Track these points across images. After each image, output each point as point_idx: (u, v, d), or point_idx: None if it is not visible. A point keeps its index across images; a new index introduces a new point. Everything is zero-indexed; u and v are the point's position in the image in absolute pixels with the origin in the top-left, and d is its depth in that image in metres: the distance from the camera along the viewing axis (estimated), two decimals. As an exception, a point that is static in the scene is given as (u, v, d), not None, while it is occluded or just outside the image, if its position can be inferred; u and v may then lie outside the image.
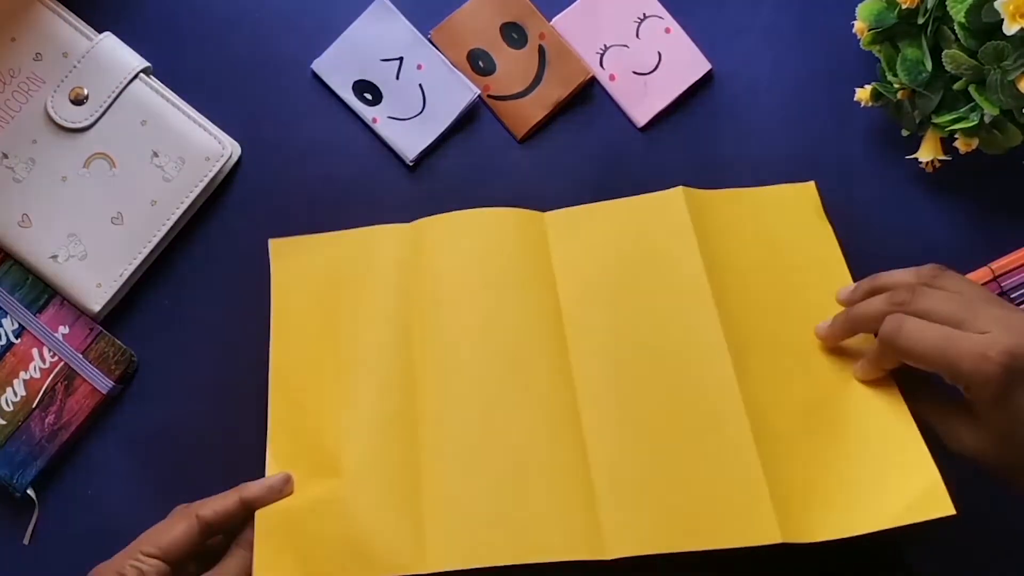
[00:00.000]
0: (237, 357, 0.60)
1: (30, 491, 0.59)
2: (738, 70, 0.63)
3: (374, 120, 0.63)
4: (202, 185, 0.61)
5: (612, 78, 0.63)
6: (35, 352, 0.60)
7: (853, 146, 0.62)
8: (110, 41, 0.61)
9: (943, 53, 0.53)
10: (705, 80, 0.63)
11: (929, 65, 0.55)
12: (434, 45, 0.63)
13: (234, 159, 0.62)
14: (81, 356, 0.60)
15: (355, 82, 0.63)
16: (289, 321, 0.57)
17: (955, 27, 0.52)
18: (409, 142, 0.62)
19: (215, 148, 0.61)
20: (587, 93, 0.63)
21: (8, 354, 0.60)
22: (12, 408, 0.59)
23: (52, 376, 0.60)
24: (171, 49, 0.63)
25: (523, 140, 0.63)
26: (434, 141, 0.62)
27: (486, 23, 0.63)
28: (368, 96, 0.63)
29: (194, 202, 0.61)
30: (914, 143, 0.60)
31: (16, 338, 0.60)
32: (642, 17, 0.63)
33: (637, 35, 0.63)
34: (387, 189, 0.62)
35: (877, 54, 0.58)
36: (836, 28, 0.62)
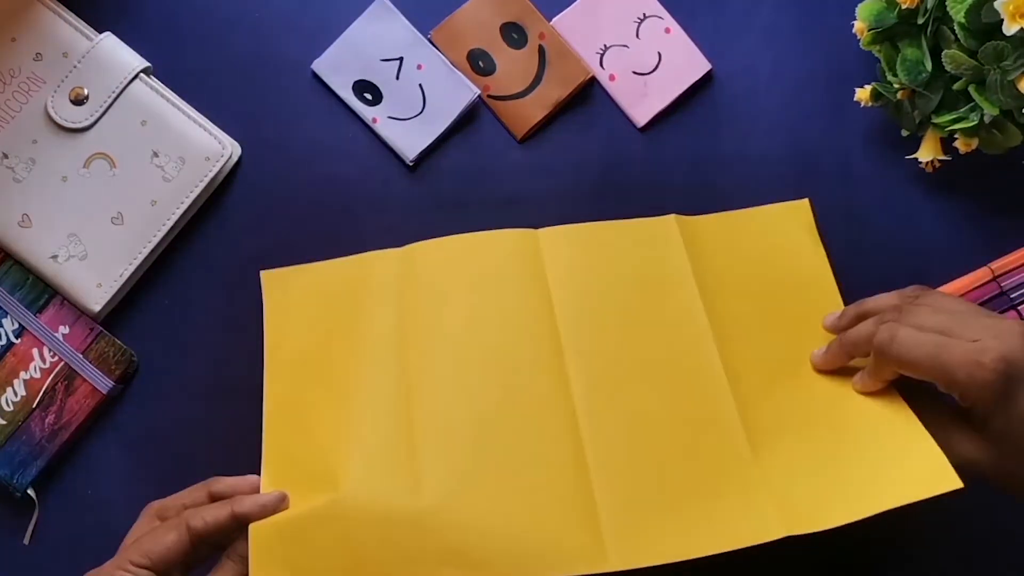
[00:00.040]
0: (237, 357, 0.60)
1: (30, 491, 0.59)
2: (738, 70, 0.63)
3: (374, 120, 0.63)
4: (202, 185, 0.61)
5: (612, 78, 0.63)
6: (35, 352, 0.60)
7: (853, 146, 0.62)
8: (110, 41, 0.61)
9: (943, 53, 0.53)
10: (705, 80, 0.63)
11: (929, 65, 0.55)
12: (434, 45, 0.63)
13: (234, 159, 0.62)
14: (81, 356, 0.60)
15: (355, 82, 0.63)
16: (282, 350, 0.57)
17: (955, 27, 0.52)
18: (409, 142, 0.62)
19: (215, 148, 0.61)
20: (587, 93, 0.63)
21: (8, 354, 0.60)
22: (12, 408, 0.59)
23: (52, 376, 0.60)
24: (171, 49, 0.63)
25: (523, 140, 0.63)
26: (434, 141, 0.62)
27: (486, 23, 0.63)
28: (368, 96, 0.63)
29: (194, 202, 0.61)
30: (914, 143, 0.60)
31: (16, 338, 0.60)
32: (642, 17, 0.63)
33: (637, 35, 0.63)
34: (387, 189, 0.63)
35: (877, 54, 0.58)
36: (836, 28, 0.62)
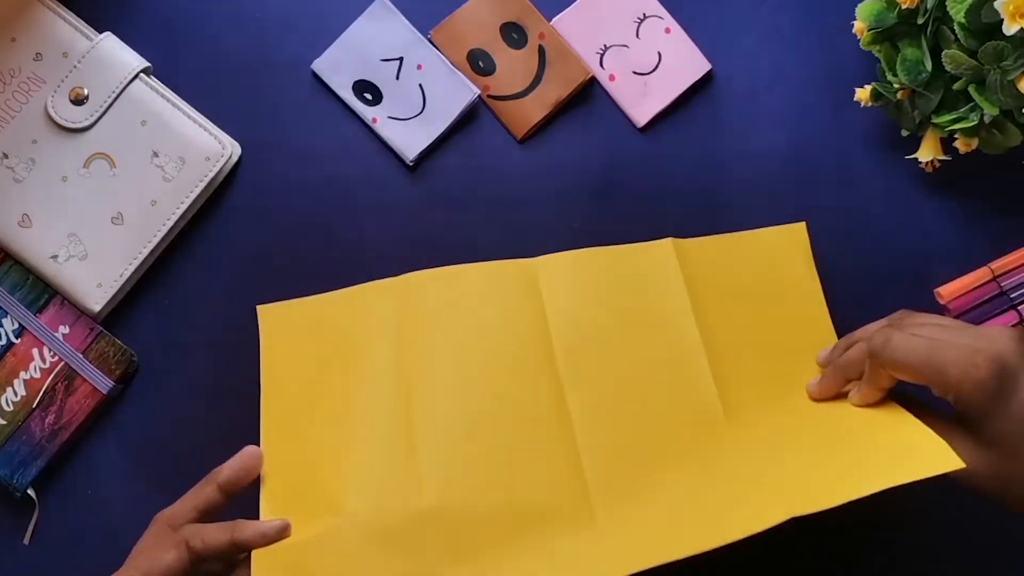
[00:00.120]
0: (237, 357, 0.60)
1: (30, 491, 0.59)
2: (738, 70, 0.63)
3: (374, 120, 0.63)
4: (202, 185, 0.61)
5: (612, 78, 0.63)
6: (35, 352, 0.60)
7: (853, 146, 0.62)
8: (110, 41, 0.61)
9: (943, 53, 0.53)
10: (705, 80, 0.63)
11: (929, 65, 0.55)
12: (434, 45, 0.63)
13: (234, 159, 0.62)
14: (81, 356, 0.60)
15: (355, 82, 0.63)
16: (279, 384, 0.57)
17: (955, 27, 0.52)
18: (409, 142, 0.62)
19: (215, 148, 0.61)
20: (587, 93, 0.63)
21: (8, 354, 0.60)
22: (12, 408, 0.59)
23: (52, 376, 0.60)
24: (171, 49, 0.63)
25: (523, 140, 0.63)
26: (434, 141, 0.62)
27: (486, 23, 0.63)
28: (368, 96, 0.63)
29: (194, 202, 0.61)
30: (914, 143, 0.60)
31: (16, 338, 0.60)
32: (642, 17, 0.63)
33: (637, 35, 0.63)
34: (387, 189, 0.63)
35: (877, 54, 0.58)
36: (836, 28, 0.62)
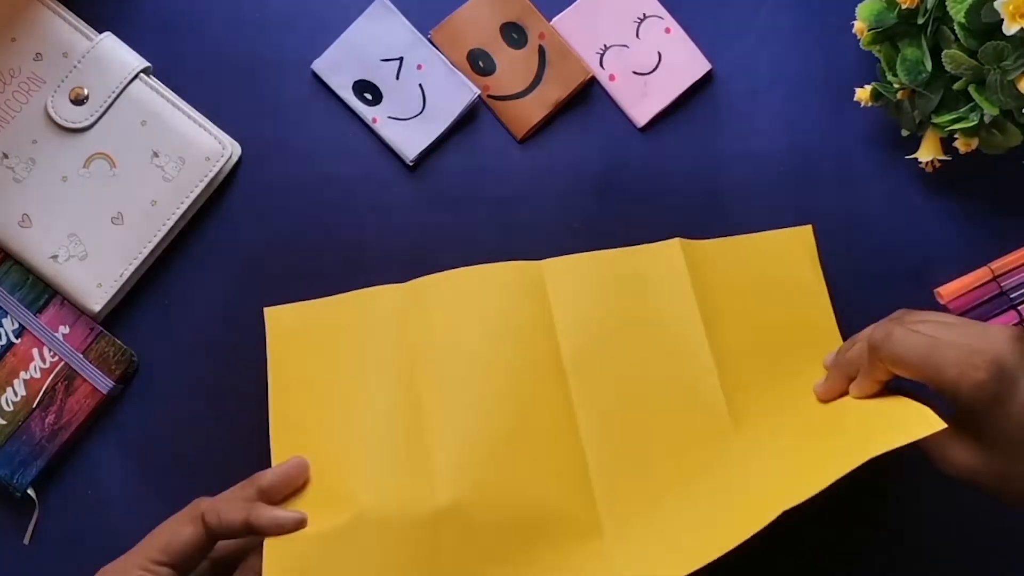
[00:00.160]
0: (238, 357, 0.60)
1: (30, 491, 0.59)
2: (738, 70, 0.63)
3: (374, 120, 0.63)
4: (202, 185, 0.61)
5: (612, 78, 0.63)
6: (35, 352, 0.60)
7: (853, 146, 0.62)
8: (110, 41, 0.61)
9: (943, 53, 0.53)
10: (705, 80, 0.63)
11: (929, 65, 0.55)
12: (434, 45, 0.63)
13: (234, 159, 0.62)
14: (81, 356, 0.60)
15: (355, 82, 0.63)
16: (287, 386, 0.57)
17: (955, 27, 0.52)
18: (409, 142, 0.62)
19: (215, 148, 0.61)
20: (587, 93, 0.63)
21: (8, 354, 0.60)
22: (12, 408, 0.59)
23: (52, 376, 0.60)
24: (171, 49, 0.63)
25: (523, 140, 0.63)
26: (434, 141, 0.62)
27: (486, 23, 0.63)
28: (368, 96, 0.63)
29: (194, 202, 0.61)
30: (914, 143, 0.60)
31: (16, 338, 0.60)
32: (642, 17, 0.63)
33: (637, 35, 0.63)
34: (387, 189, 0.63)
35: (877, 54, 0.58)
36: (836, 28, 0.62)
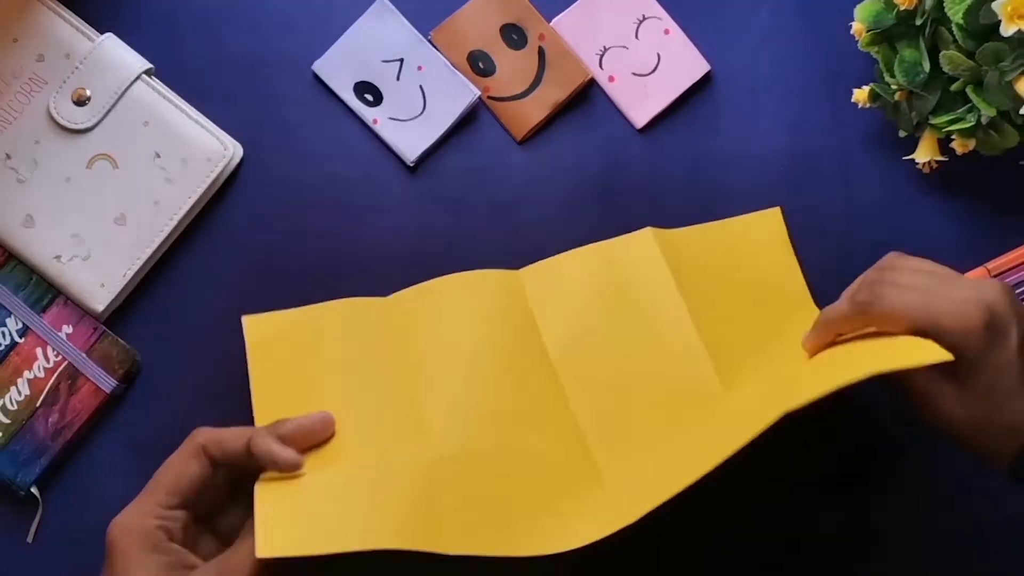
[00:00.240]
0: (240, 357, 0.60)
1: (34, 490, 0.60)
2: (737, 71, 0.63)
3: (375, 121, 0.63)
4: (204, 186, 0.61)
5: (611, 79, 0.63)
6: (39, 352, 0.60)
7: (851, 147, 0.62)
8: (112, 42, 0.61)
9: (941, 54, 0.54)
10: (704, 81, 0.63)
11: (927, 66, 0.55)
12: (434, 46, 0.63)
13: (236, 160, 0.62)
14: (85, 355, 0.60)
15: (356, 83, 0.63)
16: (269, 392, 0.57)
17: (953, 28, 0.53)
18: (409, 143, 0.63)
19: (217, 149, 0.61)
20: (586, 94, 0.64)
21: (12, 353, 0.60)
22: (16, 407, 0.60)
23: (56, 375, 0.60)
24: (173, 50, 0.63)
25: (523, 141, 0.63)
26: (434, 142, 0.63)
27: (486, 24, 0.63)
28: (369, 97, 0.63)
29: (197, 203, 0.61)
30: (911, 144, 0.60)
31: (20, 338, 0.60)
32: (641, 18, 0.63)
33: (636, 36, 0.63)
34: (387, 190, 0.63)
35: (875, 55, 0.58)
36: (835, 29, 0.62)
